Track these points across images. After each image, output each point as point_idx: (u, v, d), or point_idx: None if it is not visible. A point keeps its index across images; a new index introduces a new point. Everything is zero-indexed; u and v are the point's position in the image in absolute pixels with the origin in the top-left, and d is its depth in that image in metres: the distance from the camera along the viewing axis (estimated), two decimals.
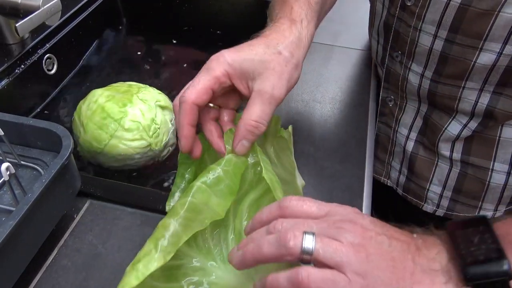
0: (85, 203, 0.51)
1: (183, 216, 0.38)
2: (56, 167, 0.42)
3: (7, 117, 0.46)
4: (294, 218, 0.34)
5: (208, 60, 0.43)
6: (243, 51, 0.43)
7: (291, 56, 0.44)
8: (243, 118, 0.42)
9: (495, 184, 0.61)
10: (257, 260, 0.33)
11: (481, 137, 0.59)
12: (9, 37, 0.74)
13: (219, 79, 0.42)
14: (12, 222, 0.37)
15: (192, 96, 0.41)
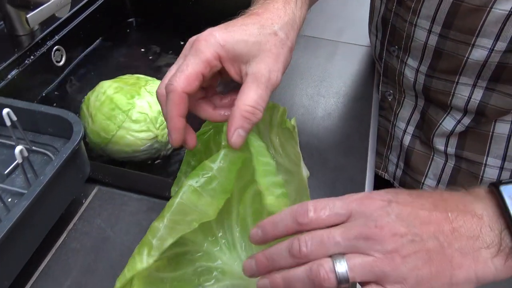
0: (94, 189, 0.52)
1: (169, 218, 0.37)
2: (68, 151, 0.43)
3: (20, 104, 0.48)
4: (316, 233, 0.31)
5: (195, 39, 0.37)
6: (236, 31, 0.38)
7: (287, 38, 0.40)
8: (237, 104, 0.37)
9: (488, 179, 0.62)
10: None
11: (475, 132, 0.60)
12: (19, 28, 0.75)
13: (210, 63, 0.36)
14: (25, 203, 0.38)
15: (181, 84, 0.35)
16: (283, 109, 0.53)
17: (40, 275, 0.44)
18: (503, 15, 0.48)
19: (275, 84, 0.39)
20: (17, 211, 0.38)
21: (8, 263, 0.39)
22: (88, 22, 0.85)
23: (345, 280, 0.29)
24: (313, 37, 0.80)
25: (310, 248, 0.31)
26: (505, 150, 0.59)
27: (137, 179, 0.54)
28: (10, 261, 0.39)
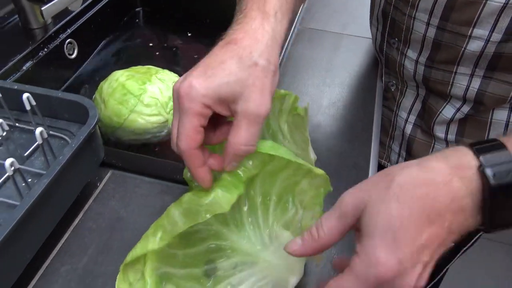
0: (107, 173, 0.54)
1: (185, 207, 0.39)
2: (84, 134, 0.45)
3: (38, 90, 0.50)
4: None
5: (178, 94, 0.37)
6: (215, 74, 0.37)
7: (268, 63, 0.38)
8: (230, 142, 0.37)
9: None
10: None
11: (474, 119, 0.61)
12: (33, 22, 0.77)
13: (201, 114, 0.37)
14: (46, 181, 0.41)
15: (186, 145, 0.37)
16: (295, 97, 0.55)
17: (58, 252, 0.46)
18: (498, 7, 0.49)
19: (265, 116, 0.38)
20: (38, 188, 0.40)
21: (31, 238, 0.41)
22: (99, 16, 0.87)
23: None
24: (318, 30, 0.82)
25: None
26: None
27: (148, 163, 0.56)
28: (32, 235, 0.42)
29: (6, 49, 0.73)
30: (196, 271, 0.43)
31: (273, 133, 0.55)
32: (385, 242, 0.30)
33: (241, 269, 0.43)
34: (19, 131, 0.52)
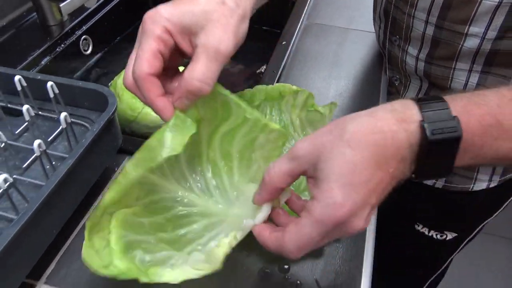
0: (124, 159, 0.57)
1: (136, 157, 0.39)
2: (105, 119, 0.48)
3: (60, 80, 0.53)
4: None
5: (142, 21, 0.38)
6: (183, 3, 0.37)
7: (237, 6, 0.38)
8: (184, 76, 0.36)
9: None
10: None
11: None
12: (51, 19, 0.81)
13: (161, 38, 0.37)
14: (70, 161, 0.44)
15: (144, 68, 0.37)
16: (308, 94, 0.57)
17: (79, 231, 0.49)
18: (492, 5, 0.52)
19: (225, 56, 0.37)
20: (63, 168, 0.43)
21: (56, 215, 0.44)
22: (112, 14, 0.91)
23: None
24: (325, 25, 0.85)
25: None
26: None
27: None
28: (57, 213, 0.44)
29: (25, 45, 0.76)
30: (165, 235, 0.43)
31: (284, 126, 0.58)
32: (342, 185, 0.32)
33: (210, 229, 0.44)
34: (42, 119, 0.55)
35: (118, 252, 0.39)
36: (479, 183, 0.69)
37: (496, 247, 1.62)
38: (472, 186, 0.69)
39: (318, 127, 0.58)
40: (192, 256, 0.41)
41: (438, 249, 0.83)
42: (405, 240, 0.85)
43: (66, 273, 0.45)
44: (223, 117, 0.45)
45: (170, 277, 0.39)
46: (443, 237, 0.78)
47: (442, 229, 0.78)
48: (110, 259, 0.38)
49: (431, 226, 0.78)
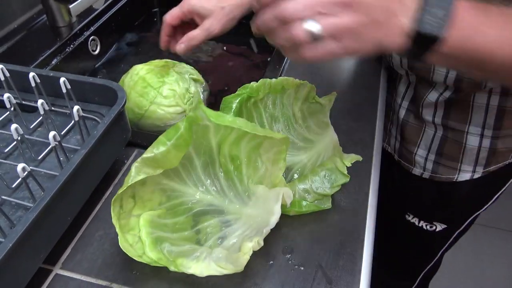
0: (134, 152, 0.60)
1: (139, 164, 0.45)
2: (115, 112, 0.50)
3: (71, 76, 0.55)
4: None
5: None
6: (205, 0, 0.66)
7: (230, 11, 0.66)
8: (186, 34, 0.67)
9: (470, 146, 0.67)
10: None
11: (458, 103, 0.65)
12: (60, 20, 0.84)
13: (185, 12, 0.67)
14: (83, 151, 0.46)
15: (167, 18, 0.68)
16: (311, 86, 0.60)
17: (93, 219, 0.52)
18: None
19: (211, 33, 0.66)
20: (76, 158, 0.45)
21: (70, 202, 0.47)
22: (119, 15, 0.93)
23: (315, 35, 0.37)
24: None
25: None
26: (484, 118, 0.64)
27: None
28: (72, 201, 0.47)
29: (36, 46, 0.79)
30: (187, 233, 0.48)
31: (287, 119, 0.60)
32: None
33: (227, 225, 0.49)
34: (55, 114, 0.58)
35: (149, 244, 0.44)
36: (463, 173, 0.70)
37: (501, 240, 1.62)
38: (456, 176, 0.71)
39: (319, 118, 0.60)
40: (214, 252, 0.45)
41: (429, 241, 0.85)
42: (396, 231, 0.87)
43: (81, 258, 0.48)
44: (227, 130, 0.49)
45: (196, 269, 0.43)
46: (433, 228, 0.81)
47: (431, 220, 0.80)
48: (142, 251, 0.44)
49: (421, 217, 0.80)
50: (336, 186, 0.52)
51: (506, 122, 0.64)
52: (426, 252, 0.90)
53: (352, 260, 0.48)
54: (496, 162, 0.69)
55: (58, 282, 0.45)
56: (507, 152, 0.68)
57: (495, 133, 0.65)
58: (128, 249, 0.44)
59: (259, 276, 0.46)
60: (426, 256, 0.90)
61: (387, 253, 0.92)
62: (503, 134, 0.65)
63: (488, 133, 0.65)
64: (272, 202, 0.47)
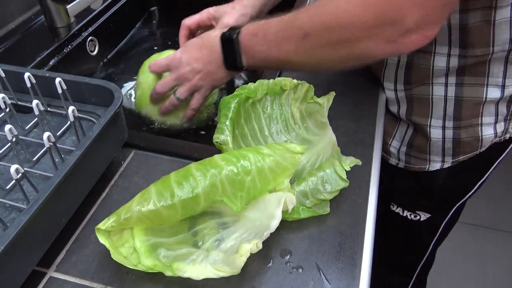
0: (131, 153, 0.59)
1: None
2: (111, 113, 0.50)
3: (67, 77, 0.55)
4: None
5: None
6: (218, 6, 0.74)
7: (243, 7, 0.73)
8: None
9: (435, 139, 0.68)
10: None
11: (418, 98, 0.67)
12: (58, 21, 0.83)
13: (203, 18, 0.74)
14: (78, 153, 0.45)
15: (185, 22, 0.75)
16: (308, 86, 0.59)
17: (89, 220, 0.51)
18: None
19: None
20: (71, 159, 0.45)
21: (65, 204, 0.46)
22: (118, 15, 0.93)
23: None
24: None
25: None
26: (444, 110, 0.66)
27: (168, 143, 0.60)
28: (66, 202, 0.46)
29: (33, 46, 0.79)
30: (183, 235, 0.48)
31: (285, 119, 0.60)
32: (180, 50, 0.64)
33: (225, 227, 0.48)
34: (51, 115, 0.57)
35: (144, 252, 0.44)
36: (433, 163, 0.72)
37: (502, 242, 1.61)
38: (428, 166, 0.73)
39: (317, 118, 0.59)
40: (211, 255, 0.44)
41: (416, 231, 0.86)
42: (384, 222, 0.87)
43: (76, 260, 0.47)
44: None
45: (192, 273, 0.42)
46: (417, 218, 0.82)
47: (414, 209, 0.81)
48: (138, 260, 0.44)
49: (404, 206, 0.82)
50: (335, 191, 0.52)
51: (465, 112, 0.65)
52: (417, 244, 0.90)
53: (351, 262, 0.47)
54: (464, 152, 0.70)
55: (52, 285, 0.45)
56: (473, 142, 0.68)
57: (456, 124, 0.67)
58: (122, 261, 0.44)
59: (257, 279, 0.45)
60: (418, 250, 0.91)
61: (379, 247, 0.92)
62: (465, 124, 0.66)
63: (449, 124, 0.67)
64: (273, 206, 0.47)
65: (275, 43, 0.55)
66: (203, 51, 0.62)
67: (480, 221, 1.66)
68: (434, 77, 0.64)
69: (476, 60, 0.61)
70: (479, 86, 0.63)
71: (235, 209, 0.45)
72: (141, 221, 0.45)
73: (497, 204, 1.72)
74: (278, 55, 0.55)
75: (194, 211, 0.45)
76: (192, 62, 0.62)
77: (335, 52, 0.51)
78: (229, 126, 0.53)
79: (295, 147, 0.49)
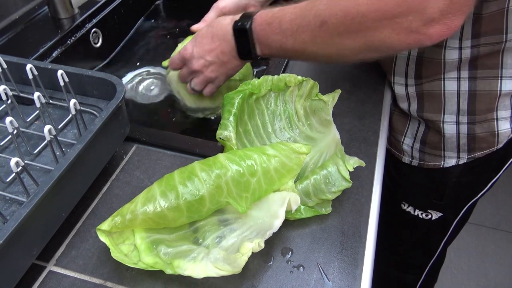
0: (133, 147, 0.59)
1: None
2: (113, 106, 0.49)
3: (70, 69, 0.54)
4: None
5: None
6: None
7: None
8: None
9: (449, 134, 0.67)
10: None
11: (429, 94, 0.65)
12: (62, 12, 0.82)
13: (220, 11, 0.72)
14: (79, 146, 0.45)
15: (193, 29, 0.72)
16: (313, 83, 0.58)
17: (89, 215, 0.51)
18: None
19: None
20: (72, 152, 0.44)
21: (65, 198, 0.46)
22: (122, 8, 0.92)
23: None
24: None
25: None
26: (457, 105, 0.64)
27: (170, 138, 0.60)
28: (67, 196, 0.46)
29: (37, 37, 0.78)
30: (184, 232, 0.47)
31: (289, 116, 0.59)
32: (191, 43, 0.62)
33: (226, 224, 0.47)
34: (53, 108, 0.57)
35: (144, 249, 0.44)
36: (449, 160, 0.71)
37: (505, 242, 1.60)
38: (442, 163, 0.71)
39: (321, 116, 0.58)
40: (212, 253, 0.43)
41: (427, 230, 0.85)
42: (395, 221, 0.87)
43: (76, 255, 0.47)
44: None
45: (192, 271, 0.42)
46: (429, 217, 0.81)
47: (426, 208, 0.80)
48: (138, 258, 0.44)
49: (416, 205, 0.81)
50: (337, 191, 0.51)
51: (479, 106, 0.64)
52: (427, 243, 0.89)
53: (353, 262, 0.46)
54: (480, 148, 0.68)
55: (52, 279, 0.44)
56: (489, 137, 0.67)
57: (471, 119, 0.65)
58: (122, 259, 0.43)
59: (257, 278, 0.45)
60: (428, 248, 0.90)
61: (389, 246, 0.92)
62: (479, 119, 0.65)
63: (464, 119, 0.66)
64: (277, 205, 0.46)
65: (290, 32, 0.52)
66: (215, 42, 0.59)
67: (482, 221, 1.65)
68: (446, 72, 0.62)
69: (489, 50, 0.59)
70: (493, 79, 0.62)
71: (241, 210, 0.45)
72: (146, 223, 0.44)
73: (500, 204, 1.71)
74: (293, 44, 0.53)
75: (199, 212, 0.45)
76: (204, 54, 0.60)
77: (353, 42, 0.49)
78: (233, 122, 0.53)
79: (300, 147, 0.49)
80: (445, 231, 0.84)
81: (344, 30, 0.48)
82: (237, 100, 0.54)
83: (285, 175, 0.48)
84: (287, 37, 0.53)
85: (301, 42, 0.52)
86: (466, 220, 0.84)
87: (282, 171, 0.47)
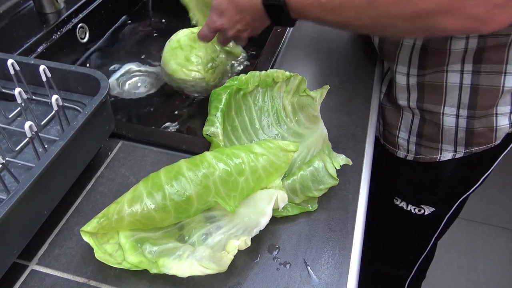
0: (118, 143, 0.58)
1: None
2: (96, 102, 0.48)
3: (53, 64, 0.53)
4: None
5: None
6: None
7: None
8: None
9: (448, 127, 0.67)
10: None
11: (430, 85, 0.64)
12: (47, 6, 0.81)
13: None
14: (62, 143, 0.44)
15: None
16: (301, 79, 0.58)
17: (73, 213, 0.50)
18: None
19: None
20: (54, 149, 0.43)
21: (47, 195, 0.45)
22: (109, 2, 0.91)
23: None
24: None
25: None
26: (459, 98, 0.63)
27: (156, 134, 0.59)
28: (49, 193, 0.45)
29: (21, 32, 0.76)
30: (169, 229, 0.47)
31: (277, 112, 0.58)
32: (215, 12, 0.59)
33: (212, 221, 0.47)
34: (36, 104, 0.56)
35: (129, 249, 0.43)
36: (445, 153, 0.70)
37: (494, 236, 1.62)
38: (439, 156, 0.71)
39: (309, 111, 0.58)
40: (198, 251, 0.43)
41: (419, 226, 0.85)
42: (386, 216, 0.87)
43: (59, 253, 0.46)
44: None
45: (178, 270, 0.42)
46: (421, 212, 0.80)
47: (419, 203, 0.80)
48: (122, 258, 0.43)
49: (409, 200, 0.80)
50: (324, 189, 0.51)
51: (480, 101, 0.63)
52: (419, 238, 0.89)
53: (340, 258, 0.46)
54: (478, 144, 0.68)
55: (34, 278, 0.44)
56: (487, 132, 0.67)
57: (471, 113, 0.65)
58: (106, 259, 0.43)
59: (243, 275, 0.45)
60: (419, 243, 0.90)
61: (380, 241, 0.92)
62: (480, 114, 0.65)
63: (464, 113, 0.65)
64: (264, 202, 0.46)
65: (331, 6, 0.49)
66: (244, 14, 0.57)
67: (472, 216, 1.66)
68: (450, 63, 0.61)
69: (496, 42, 0.58)
70: (497, 74, 0.61)
71: (230, 209, 0.44)
72: (133, 224, 0.44)
73: (489, 199, 1.72)
74: (335, 18, 0.50)
75: (187, 213, 0.44)
76: (235, 25, 0.59)
77: (404, 24, 0.46)
78: (220, 118, 0.52)
79: (288, 145, 0.48)
80: (437, 226, 0.84)
81: (396, 10, 0.45)
82: (224, 96, 0.54)
83: (273, 173, 0.47)
84: (327, 12, 0.49)
85: (344, 18, 0.49)
86: (457, 215, 0.84)
87: (270, 169, 0.47)
